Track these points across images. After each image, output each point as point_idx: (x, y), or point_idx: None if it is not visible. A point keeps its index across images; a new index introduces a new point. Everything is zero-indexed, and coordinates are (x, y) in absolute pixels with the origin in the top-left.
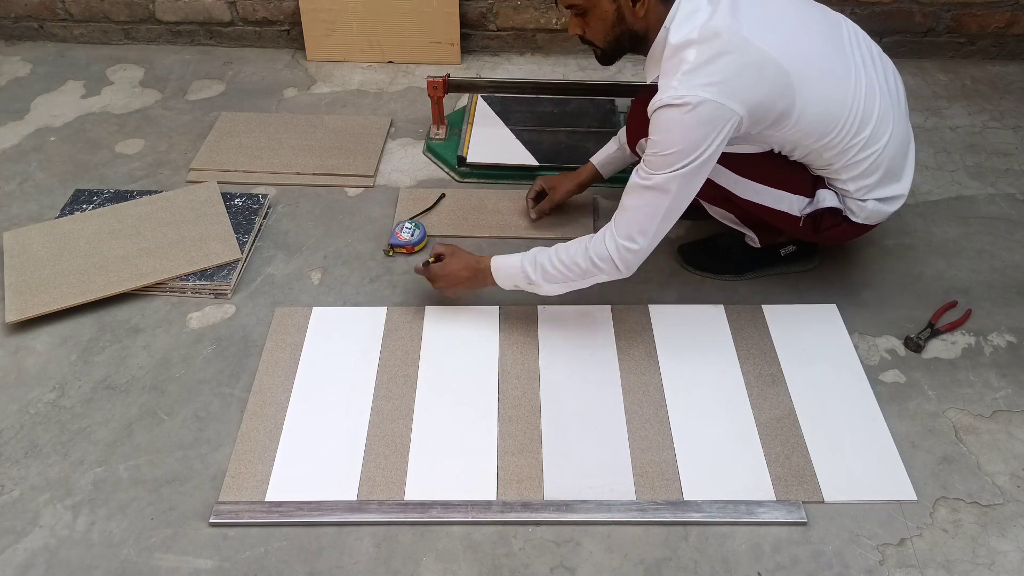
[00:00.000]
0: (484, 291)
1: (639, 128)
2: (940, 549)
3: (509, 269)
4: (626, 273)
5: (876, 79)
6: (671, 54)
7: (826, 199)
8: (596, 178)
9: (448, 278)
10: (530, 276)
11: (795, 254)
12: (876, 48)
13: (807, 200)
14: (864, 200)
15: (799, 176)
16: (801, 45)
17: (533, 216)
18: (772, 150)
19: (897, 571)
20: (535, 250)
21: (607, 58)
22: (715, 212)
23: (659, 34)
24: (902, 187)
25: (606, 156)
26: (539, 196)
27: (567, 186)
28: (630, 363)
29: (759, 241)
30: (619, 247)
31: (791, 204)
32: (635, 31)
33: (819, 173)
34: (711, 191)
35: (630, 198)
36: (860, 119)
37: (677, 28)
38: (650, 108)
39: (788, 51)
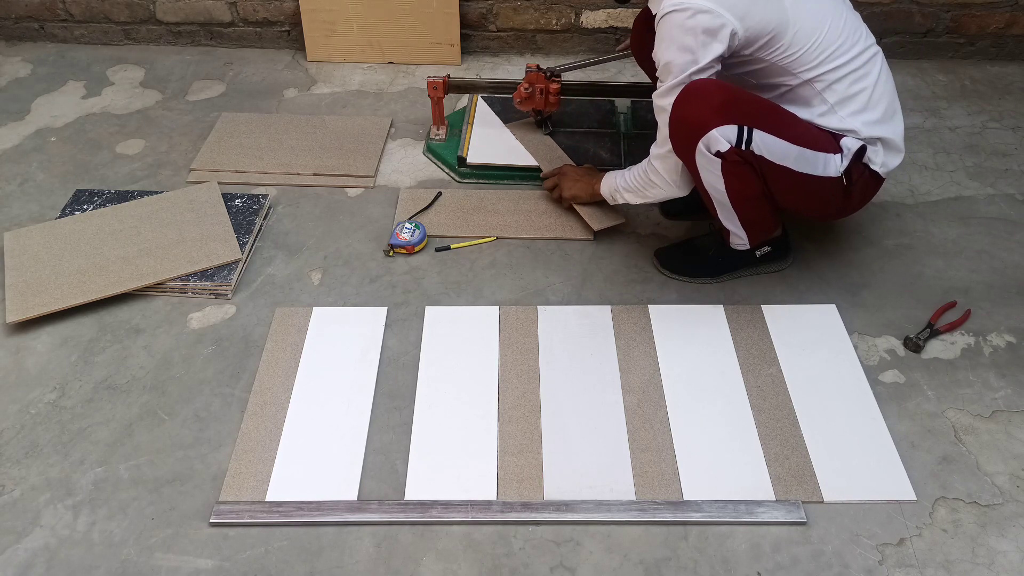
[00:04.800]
0: (484, 291)
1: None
2: (939, 549)
3: (608, 178)
4: (672, 183)
5: (861, 24)
6: None
7: (852, 144)
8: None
9: (573, 183)
10: (617, 183)
11: (769, 255)
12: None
13: (839, 156)
14: (874, 141)
15: (826, 136)
16: None
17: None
18: (790, 112)
19: (897, 571)
20: (627, 169)
21: None
22: (724, 214)
23: None
24: (897, 131)
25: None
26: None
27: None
28: (630, 363)
29: (750, 242)
30: (656, 157)
31: (833, 166)
32: None
33: (824, 124)
34: (755, 188)
35: (656, 115)
36: (852, 50)
37: None
38: (656, 22)
39: None
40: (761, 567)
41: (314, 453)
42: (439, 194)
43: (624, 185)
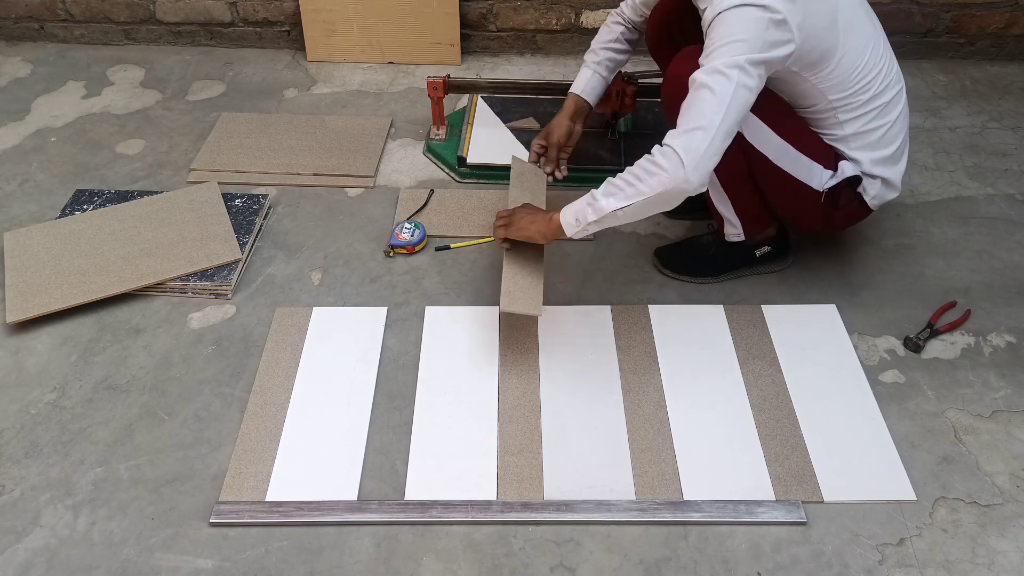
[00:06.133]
0: (484, 291)
1: (679, 94)
2: (939, 549)
3: (575, 203)
4: (690, 170)
5: (895, 62)
6: None
7: (849, 169)
8: (584, 108)
9: (519, 223)
10: (593, 196)
11: (769, 254)
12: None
13: (830, 173)
14: (875, 176)
15: (825, 149)
16: (851, 2)
17: (547, 170)
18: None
19: (897, 571)
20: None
21: None
22: (718, 201)
23: None
24: (898, 173)
25: (585, 82)
26: (540, 157)
27: (557, 121)
28: (630, 363)
29: (745, 234)
30: (678, 144)
31: (818, 176)
32: None
33: (832, 143)
34: (739, 168)
35: (688, 103)
36: (883, 84)
37: None
38: (711, 14)
39: (840, 2)
40: (761, 567)
41: (314, 453)
42: (431, 192)
43: (605, 190)
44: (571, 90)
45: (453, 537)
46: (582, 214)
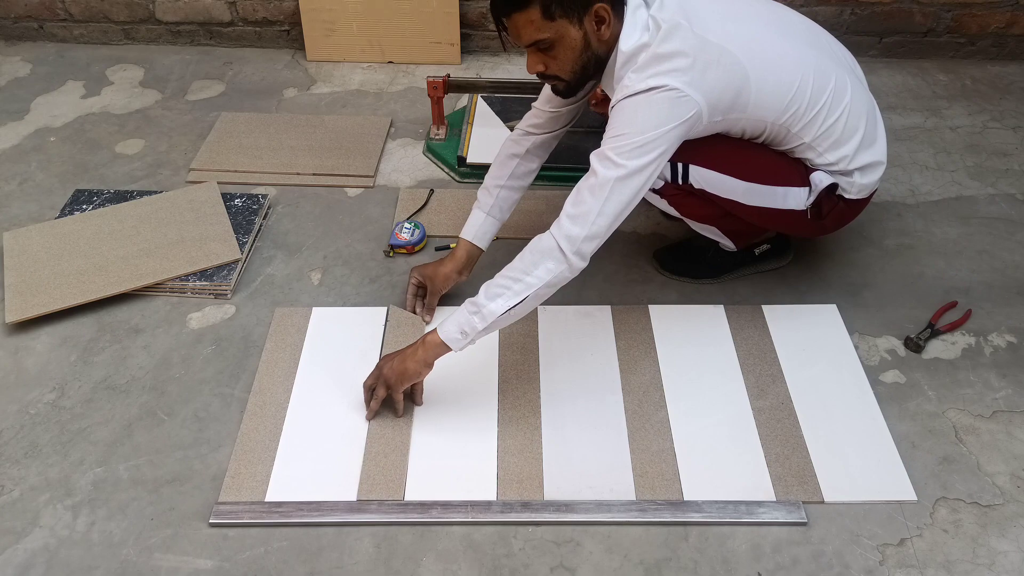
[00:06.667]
0: None
1: None
2: (940, 549)
3: (451, 318)
4: (574, 261)
5: (824, 51)
6: (624, 61)
7: (822, 180)
8: (476, 254)
9: (388, 368)
10: (476, 301)
11: (769, 252)
12: (817, 27)
13: (807, 190)
14: (849, 174)
15: (791, 167)
16: (749, 28)
17: (426, 319)
18: (757, 143)
19: (897, 571)
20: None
21: (571, 90)
22: (701, 228)
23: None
24: (878, 152)
25: (477, 228)
26: (420, 290)
27: (445, 272)
28: (630, 363)
29: (736, 246)
30: (564, 231)
31: (795, 199)
32: (599, 55)
33: (799, 155)
34: (714, 210)
35: (580, 192)
36: (813, 88)
37: (627, 37)
38: (613, 102)
39: (730, 35)
40: (761, 567)
41: (313, 453)
42: (432, 191)
43: (487, 293)
44: (462, 235)
45: (453, 537)
46: (468, 325)
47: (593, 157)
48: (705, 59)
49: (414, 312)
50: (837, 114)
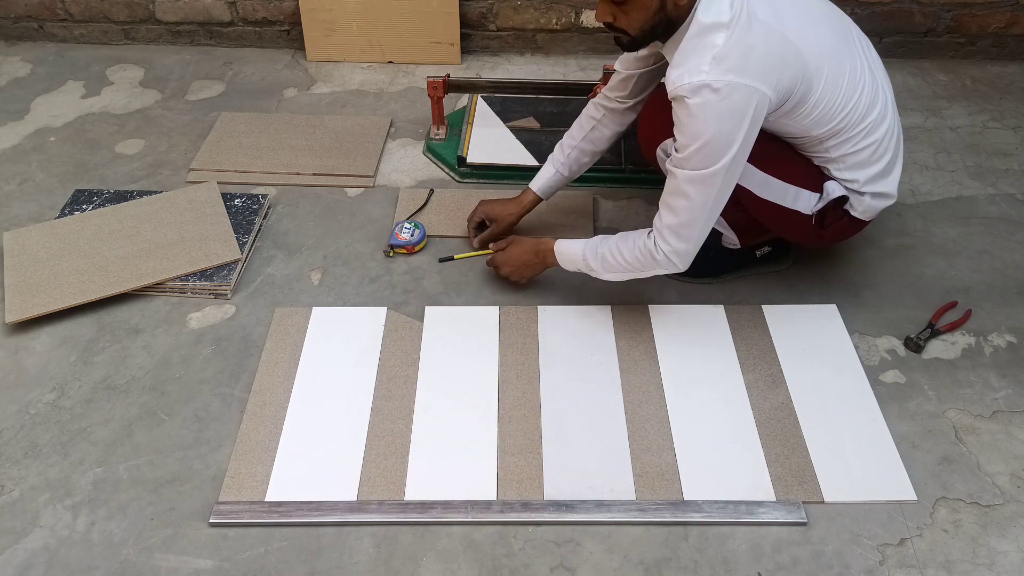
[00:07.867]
0: (484, 291)
1: (659, 130)
2: (940, 549)
3: (571, 255)
4: (683, 268)
5: (877, 75)
6: (697, 33)
7: (835, 190)
8: (537, 203)
9: (512, 263)
10: (590, 264)
11: (770, 255)
12: (874, 52)
13: (817, 196)
14: (863, 193)
15: (808, 170)
16: (818, 34)
17: (475, 244)
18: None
19: (897, 571)
20: (597, 239)
21: (635, 46)
22: None
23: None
24: (890, 185)
25: (545, 181)
26: (480, 226)
27: (510, 217)
28: (630, 363)
29: (739, 242)
30: (671, 246)
31: (804, 202)
32: (671, 19)
33: (820, 164)
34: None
35: (675, 198)
36: (865, 108)
37: (705, 9)
38: (674, 89)
39: (807, 39)
40: (761, 567)
41: (313, 453)
42: (431, 191)
43: (604, 266)
44: (530, 185)
45: (453, 537)
46: (580, 266)
47: (679, 173)
48: (776, 51)
49: (470, 237)
50: (870, 140)
